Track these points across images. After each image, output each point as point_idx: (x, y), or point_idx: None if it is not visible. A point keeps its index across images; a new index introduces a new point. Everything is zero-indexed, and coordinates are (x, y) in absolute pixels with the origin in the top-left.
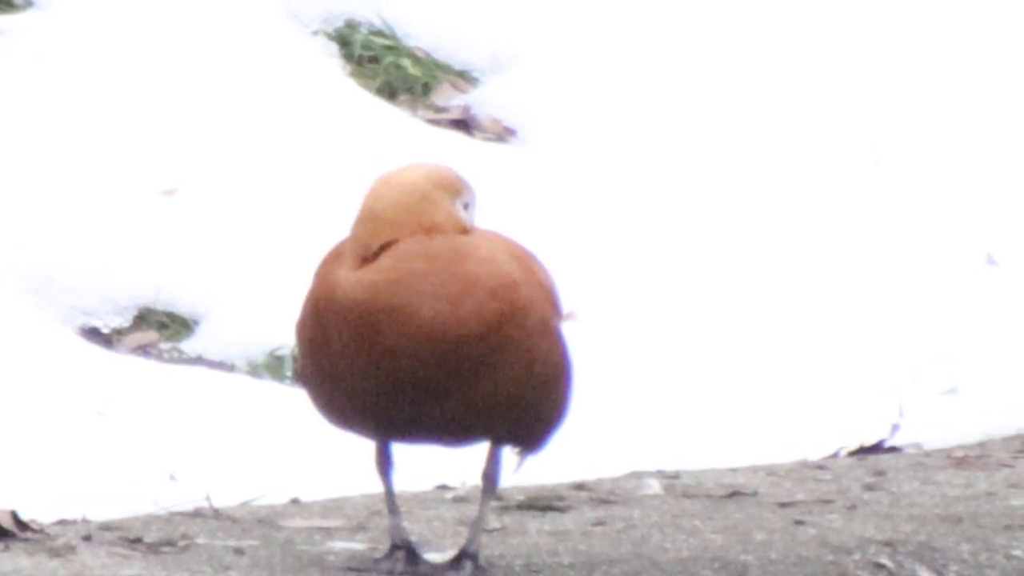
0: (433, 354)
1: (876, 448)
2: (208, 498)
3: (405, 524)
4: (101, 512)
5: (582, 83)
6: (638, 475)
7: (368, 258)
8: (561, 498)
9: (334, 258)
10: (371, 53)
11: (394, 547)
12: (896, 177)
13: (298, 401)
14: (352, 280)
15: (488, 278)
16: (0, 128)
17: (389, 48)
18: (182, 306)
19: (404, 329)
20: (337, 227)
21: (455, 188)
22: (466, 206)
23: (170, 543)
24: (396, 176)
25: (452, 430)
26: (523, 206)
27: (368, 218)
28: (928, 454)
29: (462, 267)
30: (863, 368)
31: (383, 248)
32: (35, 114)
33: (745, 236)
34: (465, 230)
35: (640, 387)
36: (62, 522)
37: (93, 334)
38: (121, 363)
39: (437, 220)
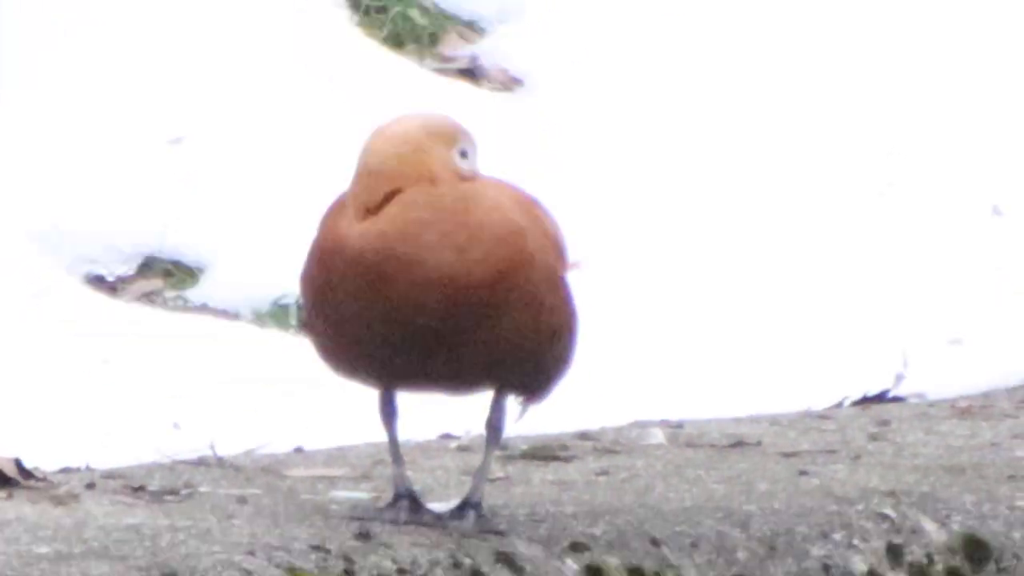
0: (440, 303)
1: (880, 398)
2: (212, 447)
3: (409, 473)
4: (104, 460)
5: (588, 33)
6: (642, 425)
7: (371, 209)
8: (565, 447)
9: (338, 209)
10: (378, 3)
11: (398, 496)
12: (898, 125)
13: (302, 350)
14: (358, 231)
15: (495, 226)
16: (4, 76)
17: None
18: (187, 254)
19: (411, 278)
20: (343, 176)
21: (451, 136)
22: (464, 154)
23: (173, 491)
24: (389, 128)
25: (457, 379)
26: (530, 155)
27: (365, 173)
28: (932, 404)
29: (468, 216)
30: (867, 318)
31: (386, 199)
32: (40, 62)
33: (751, 186)
34: (463, 178)
35: (645, 336)
36: (65, 470)
37: (98, 282)
38: (126, 311)
39: (433, 169)
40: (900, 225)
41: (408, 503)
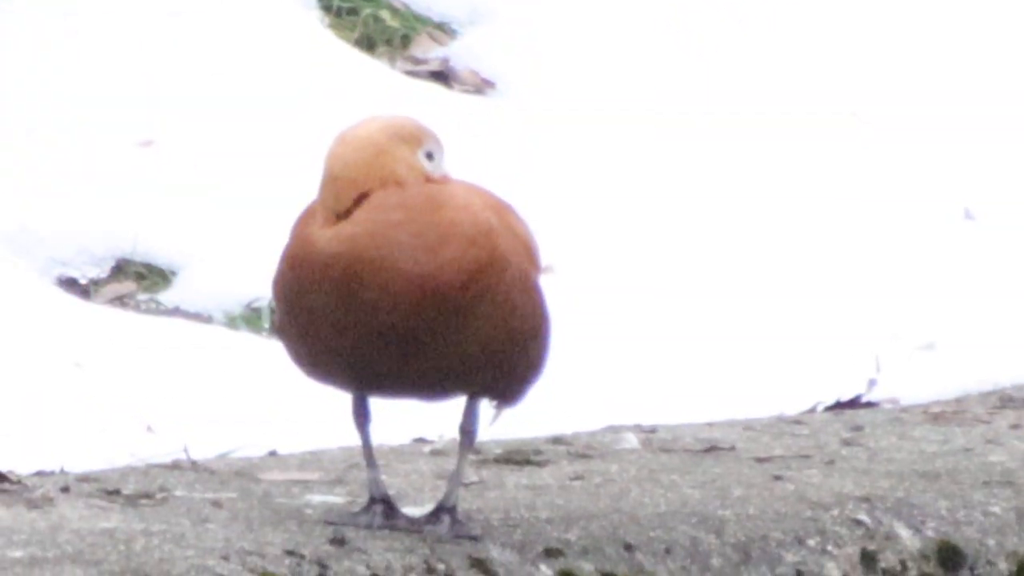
0: (412, 304)
1: (853, 403)
2: (186, 450)
3: (383, 477)
4: (79, 464)
5: (560, 34)
6: (615, 429)
7: (341, 214)
8: (539, 452)
9: (309, 215)
10: (349, 5)
11: (372, 500)
12: (874, 133)
13: (275, 353)
14: (328, 236)
15: (466, 226)
16: None
17: (367, 0)
18: (159, 257)
19: (383, 280)
20: (314, 180)
21: (416, 138)
22: (430, 155)
23: (148, 495)
24: (352, 133)
25: (429, 383)
26: (501, 158)
27: (330, 179)
28: (905, 409)
29: (439, 215)
30: (840, 323)
31: (355, 203)
32: (14, 64)
33: (724, 191)
34: (431, 179)
35: (617, 341)
36: (40, 474)
37: (70, 285)
38: (98, 314)
39: (398, 172)
40: (872, 229)
41: (382, 508)
